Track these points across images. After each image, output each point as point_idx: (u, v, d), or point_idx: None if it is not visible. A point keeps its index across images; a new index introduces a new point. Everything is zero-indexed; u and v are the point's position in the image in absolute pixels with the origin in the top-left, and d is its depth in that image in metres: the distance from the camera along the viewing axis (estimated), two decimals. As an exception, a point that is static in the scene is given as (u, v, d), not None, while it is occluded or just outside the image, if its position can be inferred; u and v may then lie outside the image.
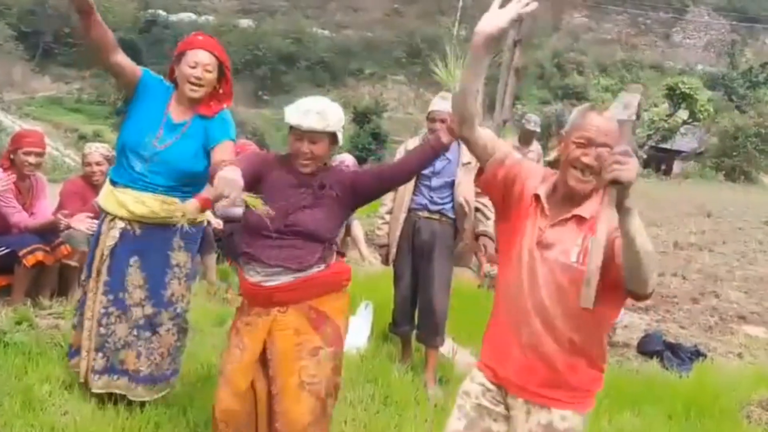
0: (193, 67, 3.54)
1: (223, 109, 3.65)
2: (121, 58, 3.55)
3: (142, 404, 3.59)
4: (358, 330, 5.29)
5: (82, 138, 34.96)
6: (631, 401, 4.70)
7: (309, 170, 3.05)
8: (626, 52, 58.19)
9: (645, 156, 22.05)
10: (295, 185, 3.04)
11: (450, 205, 4.91)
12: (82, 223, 5.00)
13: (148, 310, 3.62)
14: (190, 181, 3.61)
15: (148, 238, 3.61)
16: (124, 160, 3.61)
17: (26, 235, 5.06)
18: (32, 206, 5.26)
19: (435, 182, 4.88)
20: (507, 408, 2.50)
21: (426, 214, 4.89)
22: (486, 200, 4.79)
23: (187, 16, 51.94)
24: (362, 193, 3.15)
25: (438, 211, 4.88)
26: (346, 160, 8.38)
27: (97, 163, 5.57)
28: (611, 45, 59.09)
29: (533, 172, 2.53)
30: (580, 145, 2.38)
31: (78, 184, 5.67)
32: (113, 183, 3.64)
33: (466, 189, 4.89)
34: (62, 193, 5.66)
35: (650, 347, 6.00)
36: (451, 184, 4.91)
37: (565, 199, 2.43)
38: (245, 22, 52.31)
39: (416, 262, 4.97)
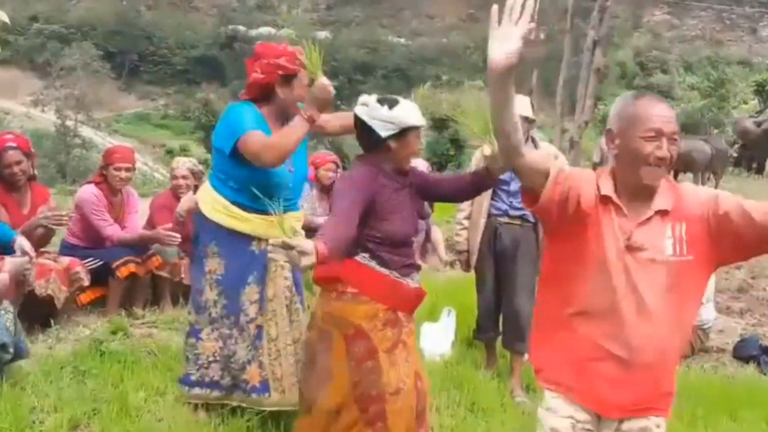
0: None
1: None
2: None
3: (233, 411, 3.65)
4: (442, 336, 5.28)
5: (169, 153, 36.11)
6: (728, 407, 4.54)
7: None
8: (711, 49, 56.47)
9: (735, 154, 21.26)
10: (398, 188, 3.00)
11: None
12: (171, 240, 5.19)
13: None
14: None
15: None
16: (279, 191, 3.42)
17: (119, 247, 5.24)
18: (124, 220, 5.45)
19: (514, 187, 4.83)
20: (597, 427, 2.38)
21: (506, 219, 4.85)
22: None
23: (266, 30, 52.91)
24: (422, 197, 3.16)
25: (519, 216, 4.83)
26: (419, 165, 8.42)
27: (183, 177, 5.76)
28: (695, 42, 57.50)
29: (584, 176, 2.36)
30: (650, 138, 2.22)
31: (166, 197, 5.87)
32: (268, 213, 3.11)
33: None
34: (152, 206, 5.87)
35: (746, 352, 5.78)
36: None
37: (637, 195, 2.30)
38: (322, 34, 53.00)
39: (499, 268, 4.93)
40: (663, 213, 2.29)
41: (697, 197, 2.32)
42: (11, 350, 3.76)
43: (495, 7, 2.09)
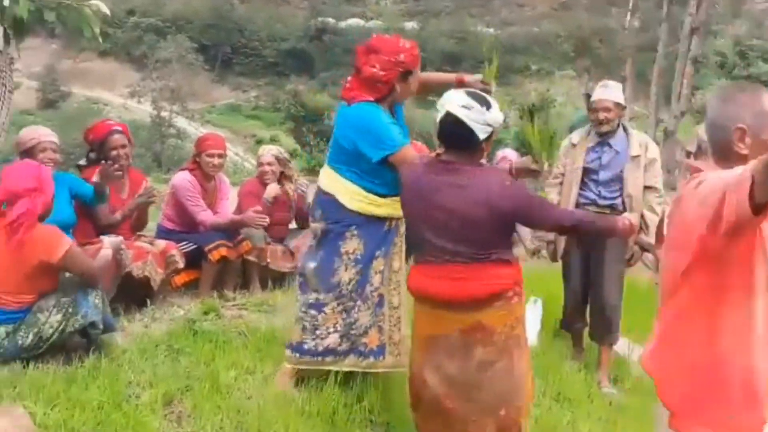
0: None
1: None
2: None
3: (320, 388, 3.74)
4: (528, 325, 5.24)
5: (259, 143, 36.85)
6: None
7: None
8: (817, 36, 53.84)
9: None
10: None
11: (620, 199, 4.77)
12: (260, 220, 5.37)
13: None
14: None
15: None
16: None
17: (211, 232, 5.40)
18: (216, 205, 5.61)
19: (603, 176, 4.76)
20: None
21: (595, 209, 4.77)
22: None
23: (355, 21, 53.38)
24: None
25: (608, 206, 4.75)
26: (508, 154, 8.35)
27: (269, 164, 5.89)
28: (800, 29, 54.88)
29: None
30: None
31: (253, 183, 6.02)
32: (394, 195, 3.62)
33: (633, 183, 4.73)
34: (240, 194, 6.03)
35: None
36: (620, 178, 4.77)
37: None
38: (410, 25, 53.04)
39: (586, 259, 4.86)
40: None
41: None
42: (100, 326, 3.97)
43: None
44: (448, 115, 3.02)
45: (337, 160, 3.81)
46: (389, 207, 3.73)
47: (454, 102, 3.02)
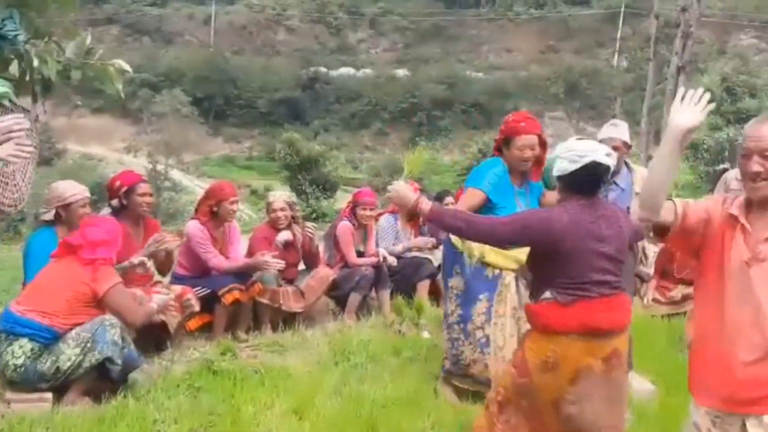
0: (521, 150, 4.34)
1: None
2: None
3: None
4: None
5: (254, 193, 37.08)
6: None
7: None
8: (802, 71, 54.67)
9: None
10: None
11: None
12: (275, 264, 5.53)
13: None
14: None
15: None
16: None
17: (223, 276, 5.59)
18: (227, 250, 5.81)
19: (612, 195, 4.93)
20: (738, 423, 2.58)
21: None
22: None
23: (346, 70, 54.04)
24: None
25: None
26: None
27: (281, 209, 6.11)
28: (784, 64, 55.71)
29: (711, 201, 2.71)
30: (745, 156, 2.56)
31: (265, 229, 6.23)
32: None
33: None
34: (252, 239, 6.24)
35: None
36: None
37: (761, 209, 2.58)
38: (401, 72, 53.72)
39: None
40: None
41: None
42: (119, 362, 4.18)
43: (680, 91, 2.54)
44: (599, 165, 3.23)
45: None
46: (494, 255, 4.30)
47: (601, 152, 3.24)
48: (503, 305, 4.39)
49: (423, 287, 6.74)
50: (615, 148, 4.67)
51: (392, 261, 6.65)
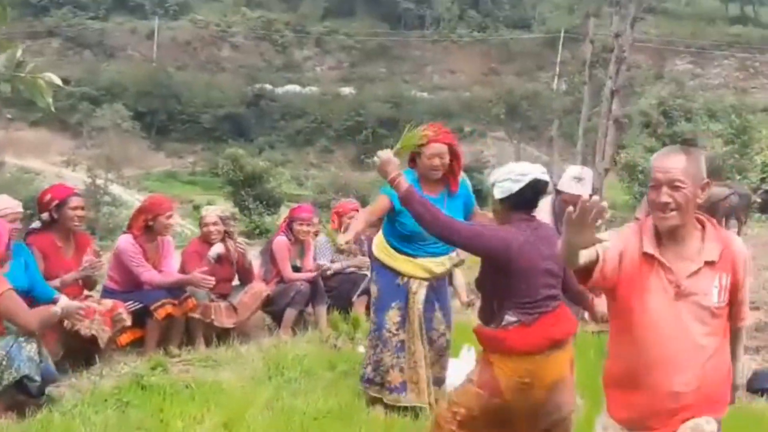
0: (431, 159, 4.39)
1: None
2: None
3: None
4: (459, 372, 5.48)
5: (197, 208, 36.61)
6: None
7: None
8: (736, 96, 56.54)
9: (759, 200, 21.31)
10: None
11: None
12: (206, 282, 5.53)
13: (448, 336, 4.76)
14: None
15: (440, 287, 4.69)
16: (417, 240, 4.48)
17: (155, 290, 5.55)
18: (160, 264, 5.77)
19: None
20: None
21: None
22: None
23: (292, 88, 53.98)
24: None
25: None
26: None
27: (214, 224, 6.13)
28: (719, 90, 57.53)
29: (621, 239, 2.69)
30: (654, 187, 2.61)
31: (197, 243, 6.24)
32: (412, 255, 4.54)
33: None
34: (184, 254, 6.23)
35: (759, 385, 5.94)
36: None
37: (677, 241, 2.63)
38: (346, 90, 53.90)
39: None
40: (710, 264, 2.62)
41: (740, 252, 2.70)
42: (37, 378, 4.09)
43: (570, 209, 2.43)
44: (539, 181, 3.41)
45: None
46: (401, 262, 4.54)
47: (538, 170, 3.43)
48: (413, 312, 4.54)
49: (360, 303, 6.78)
50: (572, 204, 4.68)
51: (337, 267, 6.74)
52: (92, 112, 44.47)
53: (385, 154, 3.74)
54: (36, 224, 5.33)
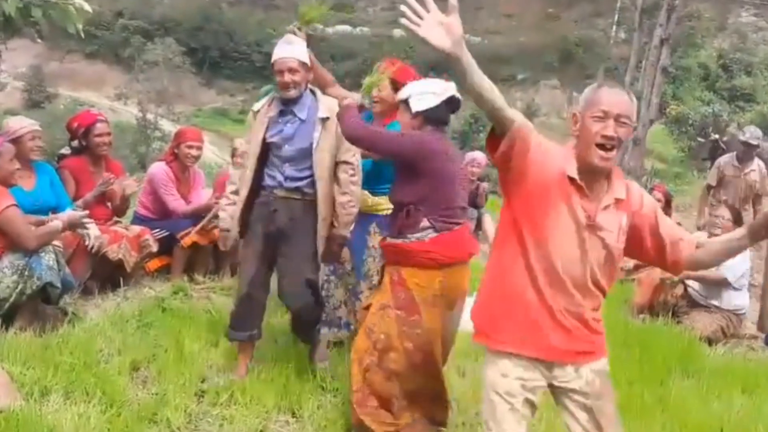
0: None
1: None
2: None
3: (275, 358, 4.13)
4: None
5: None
6: (745, 383, 4.72)
7: None
8: (799, 50, 54.49)
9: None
10: None
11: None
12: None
13: (353, 280, 4.41)
14: (375, 178, 4.25)
15: (354, 226, 4.16)
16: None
17: (183, 219, 5.73)
18: (190, 195, 5.93)
19: (288, 151, 4.00)
20: (549, 376, 2.59)
21: (283, 192, 4.03)
22: None
23: (343, 28, 53.60)
24: None
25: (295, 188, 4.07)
26: (477, 157, 8.71)
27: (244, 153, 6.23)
28: (782, 43, 55.54)
29: (555, 150, 2.54)
30: (598, 119, 2.44)
31: (227, 173, 6.34)
32: None
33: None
34: (215, 183, 6.38)
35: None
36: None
37: (595, 177, 2.50)
38: (398, 33, 53.31)
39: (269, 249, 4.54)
40: (618, 201, 2.54)
41: (638, 194, 2.62)
42: (58, 285, 4.29)
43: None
44: (455, 98, 3.50)
45: None
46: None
47: (454, 88, 3.49)
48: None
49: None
50: (289, 71, 3.93)
51: None
52: (144, 45, 44.83)
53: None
54: (65, 150, 5.51)
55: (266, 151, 4.02)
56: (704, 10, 46.38)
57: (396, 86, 4.04)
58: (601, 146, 2.43)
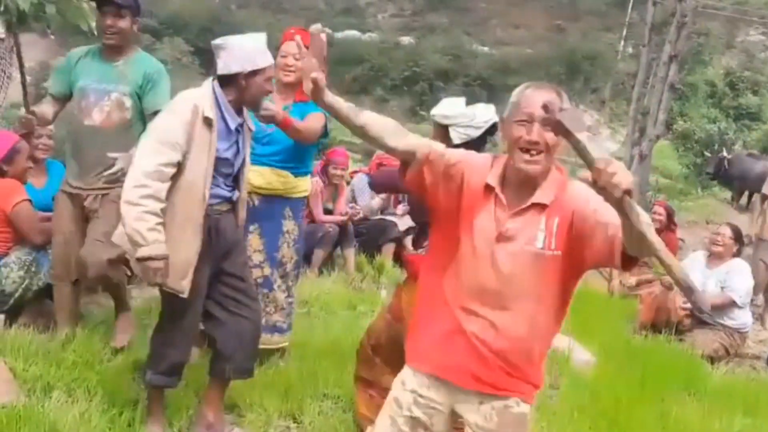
0: (284, 57, 4.21)
1: None
2: None
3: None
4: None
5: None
6: (747, 405, 4.73)
7: None
8: (807, 71, 54.52)
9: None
10: None
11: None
12: None
13: (266, 270, 4.17)
14: (299, 157, 4.15)
15: (265, 208, 4.12)
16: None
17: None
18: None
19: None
20: (450, 402, 2.45)
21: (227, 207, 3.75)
22: None
23: (351, 33, 53.69)
24: None
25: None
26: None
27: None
28: (790, 63, 55.59)
29: (474, 162, 2.43)
30: (522, 123, 2.29)
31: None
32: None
33: None
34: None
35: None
36: None
37: (521, 184, 2.35)
38: (406, 40, 53.42)
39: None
40: (540, 206, 2.33)
41: (578, 193, 2.34)
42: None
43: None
44: (495, 124, 3.42)
45: None
46: None
47: (492, 112, 3.47)
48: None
49: (388, 250, 6.92)
50: None
51: (375, 203, 7.00)
52: (153, 44, 44.95)
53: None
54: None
55: None
56: (713, 28, 46.47)
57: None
58: (525, 150, 2.29)
